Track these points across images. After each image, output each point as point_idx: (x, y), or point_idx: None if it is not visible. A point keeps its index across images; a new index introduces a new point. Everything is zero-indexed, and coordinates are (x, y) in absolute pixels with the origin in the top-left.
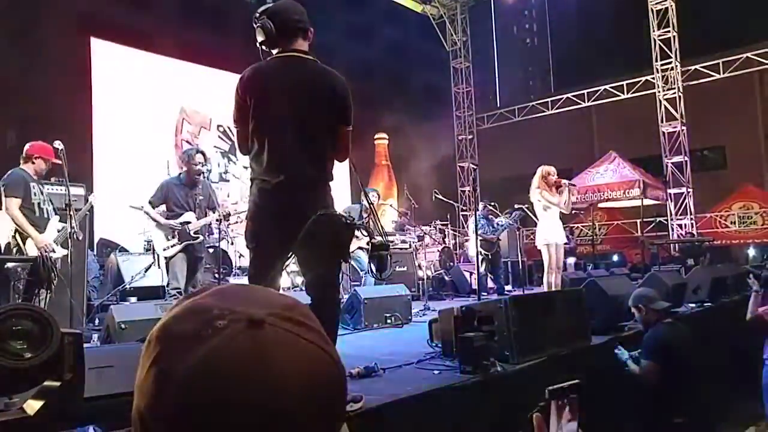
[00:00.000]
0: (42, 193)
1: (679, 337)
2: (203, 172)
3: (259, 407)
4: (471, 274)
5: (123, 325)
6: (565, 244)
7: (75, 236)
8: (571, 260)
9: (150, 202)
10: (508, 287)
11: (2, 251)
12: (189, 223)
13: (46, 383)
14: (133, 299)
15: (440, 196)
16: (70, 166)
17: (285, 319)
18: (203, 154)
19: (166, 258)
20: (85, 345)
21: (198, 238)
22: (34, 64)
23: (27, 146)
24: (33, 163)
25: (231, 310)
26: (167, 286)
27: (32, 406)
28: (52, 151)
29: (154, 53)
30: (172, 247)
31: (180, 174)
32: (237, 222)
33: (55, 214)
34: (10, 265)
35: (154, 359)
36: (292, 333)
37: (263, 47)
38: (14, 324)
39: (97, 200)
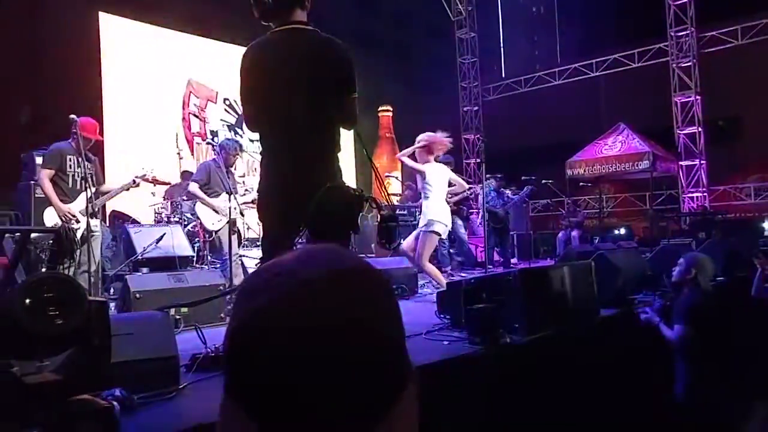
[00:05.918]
0: (81, 167)
1: (710, 305)
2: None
3: (289, 364)
4: (477, 246)
5: (138, 295)
6: (572, 217)
7: (93, 207)
8: (575, 233)
9: (196, 182)
10: (513, 260)
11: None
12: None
13: (75, 348)
14: (145, 270)
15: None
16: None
17: (341, 284)
18: (241, 147)
19: (214, 232)
20: None
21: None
22: (45, 41)
23: (73, 121)
24: (75, 137)
25: (293, 269)
26: (210, 255)
27: (63, 369)
28: (93, 128)
29: (161, 26)
30: (219, 222)
31: (215, 158)
32: (245, 194)
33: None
34: (34, 234)
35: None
36: (338, 300)
37: (262, 21)
38: (46, 291)
39: (155, 172)
